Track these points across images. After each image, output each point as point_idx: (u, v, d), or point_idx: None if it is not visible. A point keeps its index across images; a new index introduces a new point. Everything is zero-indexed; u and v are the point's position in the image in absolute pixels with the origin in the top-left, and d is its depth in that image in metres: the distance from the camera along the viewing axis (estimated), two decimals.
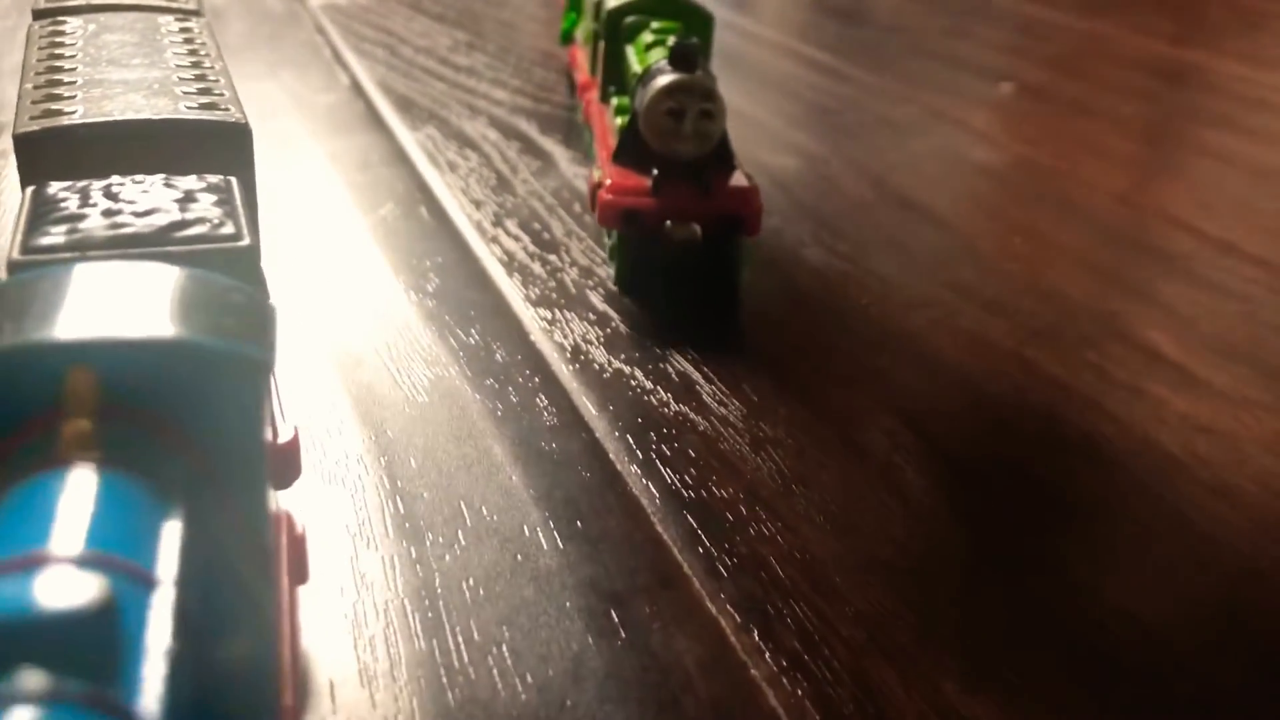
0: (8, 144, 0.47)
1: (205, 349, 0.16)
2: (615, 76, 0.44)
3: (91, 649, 0.11)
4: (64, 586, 0.12)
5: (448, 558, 0.25)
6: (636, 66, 0.39)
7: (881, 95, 0.62)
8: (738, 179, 0.36)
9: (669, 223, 0.35)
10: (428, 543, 0.25)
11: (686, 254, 0.35)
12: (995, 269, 0.42)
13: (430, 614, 0.23)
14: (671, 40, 0.37)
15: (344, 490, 0.27)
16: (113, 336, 0.15)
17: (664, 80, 0.35)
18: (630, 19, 0.43)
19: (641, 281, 0.37)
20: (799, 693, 0.22)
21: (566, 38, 0.58)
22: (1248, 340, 0.38)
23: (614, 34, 0.43)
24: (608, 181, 0.36)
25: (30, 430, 0.15)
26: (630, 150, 0.36)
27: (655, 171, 0.36)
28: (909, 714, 0.21)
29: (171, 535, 0.14)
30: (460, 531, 0.26)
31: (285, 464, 0.21)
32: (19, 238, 0.21)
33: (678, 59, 0.36)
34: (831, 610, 0.24)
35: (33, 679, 0.11)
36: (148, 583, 0.13)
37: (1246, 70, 0.72)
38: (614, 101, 0.41)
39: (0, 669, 0.11)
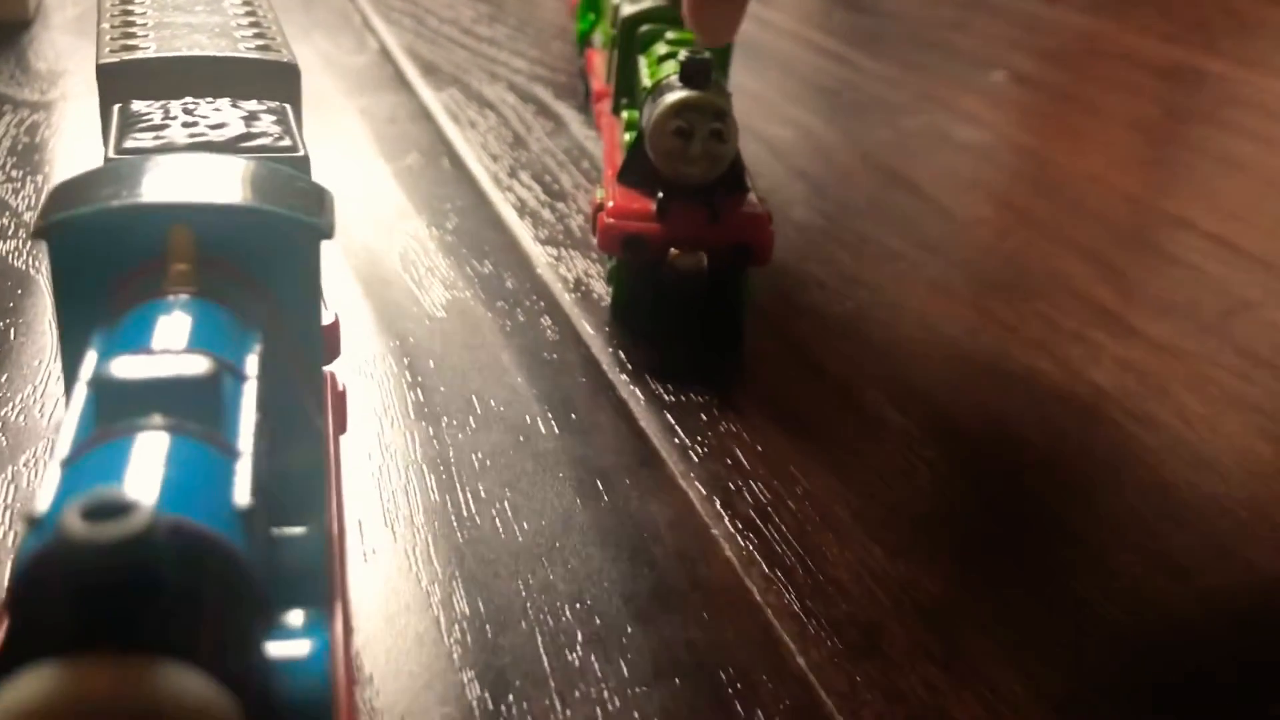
0: (66, 87, 0.51)
1: (281, 216, 0.20)
2: (627, 88, 0.41)
3: (204, 404, 0.16)
4: (184, 362, 0.16)
5: (460, 436, 0.29)
6: (647, 80, 0.37)
7: (878, 79, 0.66)
8: (750, 204, 0.34)
9: (673, 250, 0.33)
10: (443, 424, 0.29)
11: (690, 284, 0.33)
12: (963, 232, 0.46)
13: (444, 476, 0.27)
14: (684, 54, 0.34)
15: (372, 381, 0.31)
16: (208, 201, 0.20)
17: (672, 97, 0.33)
18: (645, 28, 0.41)
19: (640, 310, 0.35)
20: (749, 548, 0.26)
21: (584, 40, 0.56)
22: (1188, 300, 0.42)
23: (628, 43, 0.41)
24: (610, 203, 0.34)
25: (142, 272, 0.19)
26: (636, 170, 0.34)
27: (660, 195, 0.33)
28: (841, 568, 0.25)
29: (253, 350, 0.18)
30: (471, 418, 0.30)
31: (329, 343, 0.25)
32: (112, 141, 0.25)
33: (688, 75, 0.33)
34: (784, 489, 0.28)
35: (163, 419, 0.15)
36: (238, 375, 0.17)
37: (1232, 70, 0.76)
38: (624, 115, 0.39)
39: (142, 413, 0.15)
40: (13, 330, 0.32)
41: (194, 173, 0.21)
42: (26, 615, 0.12)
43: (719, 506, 0.27)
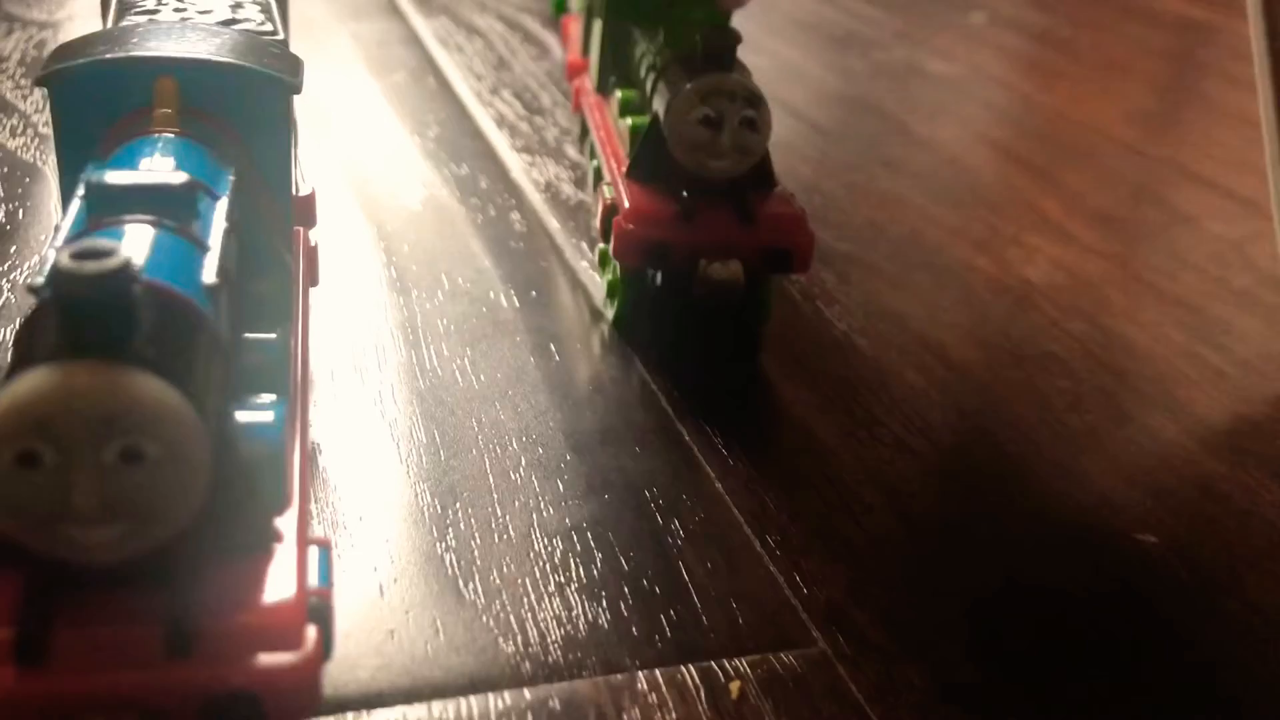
0: (73, 9, 0.54)
1: (257, 72, 0.23)
2: (617, 63, 0.36)
3: (180, 208, 0.18)
4: (165, 174, 0.19)
5: (429, 305, 0.32)
6: (650, 56, 0.32)
7: (857, 16, 0.68)
8: (780, 202, 0.30)
9: (703, 260, 0.28)
10: (414, 295, 0.32)
11: (720, 298, 0.28)
12: (921, 150, 0.48)
13: (411, 336, 0.30)
14: (699, 31, 0.29)
15: (350, 260, 0.34)
16: (190, 56, 0.22)
17: (697, 82, 0.28)
18: None
19: (649, 323, 0.31)
20: (685, 400, 0.28)
21: (560, 6, 0.53)
22: (1129, 214, 0.44)
23: (617, 9, 0.36)
24: (625, 204, 0.29)
25: (131, 118, 0.22)
26: (650, 164, 0.29)
27: (685, 194, 0.29)
28: (767, 418, 0.28)
29: (227, 181, 0.21)
30: (440, 291, 0.32)
31: (305, 211, 0.28)
32: (109, 24, 0.27)
33: (712, 51, 0.29)
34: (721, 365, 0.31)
35: (146, 215, 0.18)
36: (213, 195, 0.20)
37: (1214, 17, 0.77)
38: (618, 95, 0.34)
39: (130, 210, 0.18)
40: (21, 211, 0.35)
41: (180, 36, 0.23)
42: (28, 342, 0.15)
43: (657, 364, 0.30)
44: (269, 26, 0.28)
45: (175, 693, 0.15)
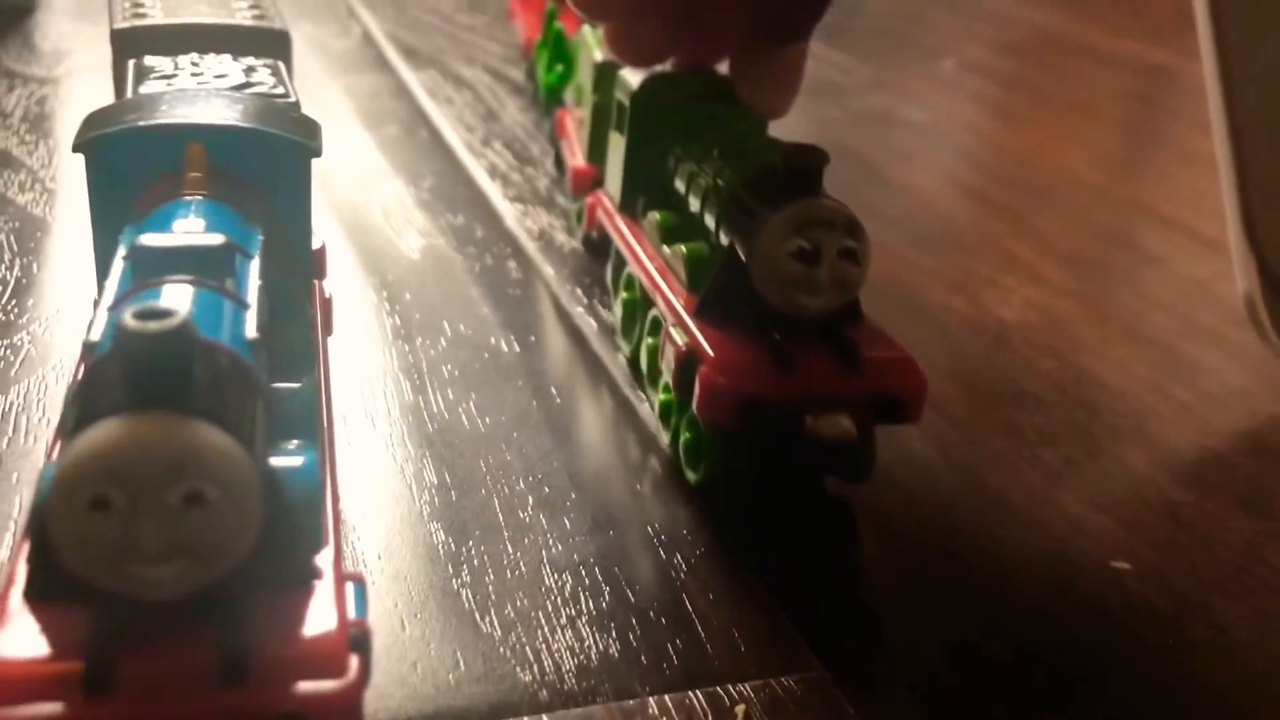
0: (71, 65, 0.55)
1: (280, 136, 0.24)
2: (646, 181, 0.33)
3: (219, 267, 0.20)
4: (203, 236, 0.20)
5: (433, 352, 0.33)
6: (705, 175, 0.29)
7: (833, 65, 0.70)
8: (883, 342, 0.27)
9: (809, 416, 0.25)
10: (418, 343, 0.33)
11: (829, 458, 0.26)
12: (898, 195, 0.50)
13: (418, 381, 0.31)
14: (779, 153, 0.26)
15: (355, 310, 0.35)
16: (219, 123, 0.24)
17: (789, 210, 0.25)
18: (667, 105, 0.33)
19: (736, 482, 0.27)
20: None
21: (552, 95, 0.49)
22: (1094, 252, 0.46)
23: (644, 121, 0.33)
24: (710, 353, 0.26)
25: (164, 181, 0.23)
26: (724, 302, 0.27)
27: (777, 336, 0.26)
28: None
29: (256, 240, 0.22)
30: (443, 339, 0.34)
31: (317, 264, 0.29)
32: (129, 88, 0.29)
33: (797, 173, 0.26)
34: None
35: (188, 276, 0.19)
36: (246, 255, 0.21)
37: (1176, 61, 0.80)
38: (655, 217, 0.31)
39: (171, 271, 0.19)
40: (35, 265, 0.36)
41: (206, 102, 0.25)
42: (92, 395, 0.16)
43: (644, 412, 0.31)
44: (281, 89, 0.29)
45: (232, 718, 0.16)
